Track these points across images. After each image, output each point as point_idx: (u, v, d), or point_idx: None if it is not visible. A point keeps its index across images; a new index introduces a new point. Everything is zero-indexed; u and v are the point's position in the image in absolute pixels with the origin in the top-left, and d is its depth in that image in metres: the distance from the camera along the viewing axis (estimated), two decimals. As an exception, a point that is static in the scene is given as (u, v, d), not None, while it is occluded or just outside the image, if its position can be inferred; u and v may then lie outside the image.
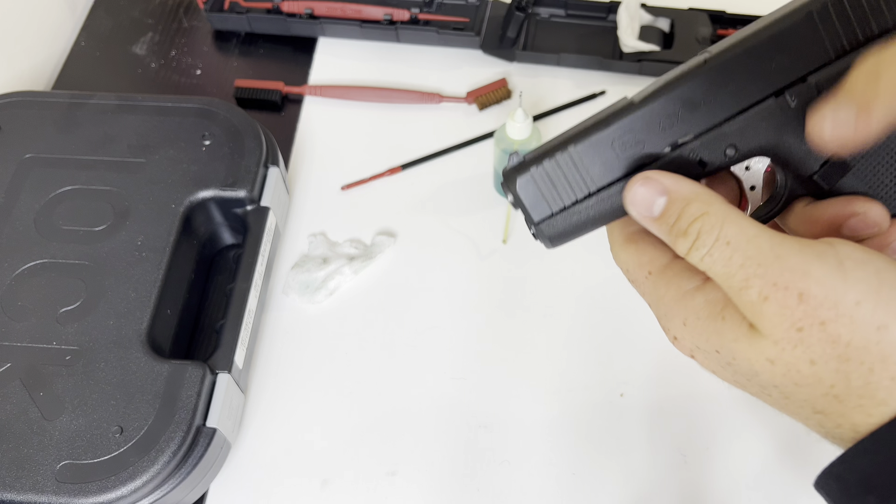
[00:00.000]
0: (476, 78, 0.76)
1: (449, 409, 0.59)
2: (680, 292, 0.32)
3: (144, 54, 0.80)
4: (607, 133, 0.32)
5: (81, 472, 0.48)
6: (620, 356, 0.60)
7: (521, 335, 0.62)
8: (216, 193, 0.61)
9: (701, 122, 0.32)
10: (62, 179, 0.61)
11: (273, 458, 0.57)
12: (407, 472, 0.56)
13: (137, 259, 0.57)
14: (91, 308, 0.55)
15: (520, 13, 0.72)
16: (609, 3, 0.77)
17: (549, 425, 0.58)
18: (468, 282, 0.64)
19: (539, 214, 0.33)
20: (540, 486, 0.56)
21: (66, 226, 0.59)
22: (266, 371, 0.61)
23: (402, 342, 0.62)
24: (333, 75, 0.77)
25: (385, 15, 0.77)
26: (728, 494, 0.55)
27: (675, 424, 0.57)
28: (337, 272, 0.64)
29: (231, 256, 0.66)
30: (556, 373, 0.60)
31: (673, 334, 0.33)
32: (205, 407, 0.52)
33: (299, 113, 0.75)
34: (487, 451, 0.57)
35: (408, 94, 0.74)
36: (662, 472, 0.56)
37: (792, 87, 0.31)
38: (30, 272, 0.57)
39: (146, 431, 0.50)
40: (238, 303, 0.57)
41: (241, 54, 0.80)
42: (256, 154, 0.62)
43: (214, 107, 0.64)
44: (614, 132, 0.32)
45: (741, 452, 0.56)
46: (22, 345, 0.53)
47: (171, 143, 0.62)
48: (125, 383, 0.52)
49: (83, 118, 0.64)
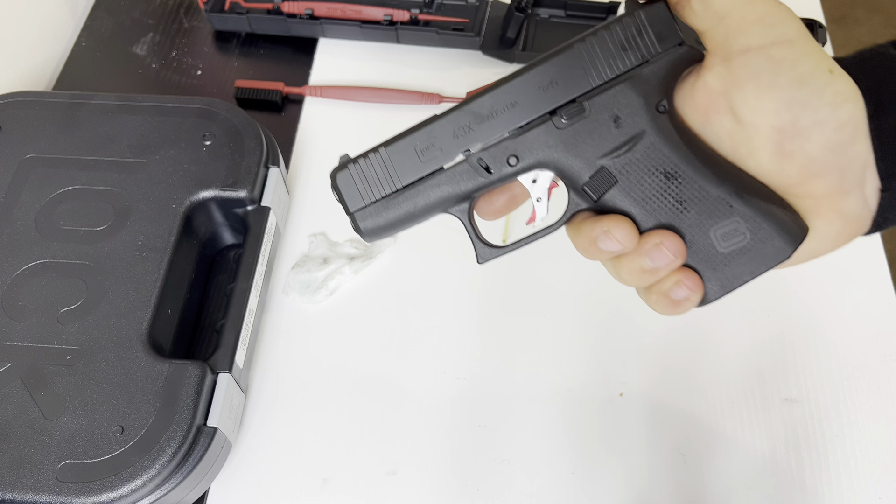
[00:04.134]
0: (476, 78, 0.76)
1: (449, 409, 0.59)
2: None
3: (145, 54, 0.80)
4: (411, 138, 0.38)
5: (82, 471, 0.49)
6: (620, 356, 0.61)
7: (521, 335, 0.62)
8: (217, 193, 0.61)
9: (487, 134, 0.37)
10: (63, 179, 0.61)
11: (273, 458, 0.57)
12: (407, 472, 0.56)
13: (138, 259, 0.57)
14: (92, 308, 0.55)
15: (519, 14, 0.72)
16: (609, 4, 0.77)
17: (549, 425, 0.58)
18: (468, 282, 0.65)
19: (354, 205, 0.38)
20: (540, 486, 0.56)
21: (67, 226, 0.59)
22: (266, 371, 0.61)
23: (402, 342, 0.62)
24: (334, 76, 0.77)
25: (385, 16, 0.77)
26: (728, 494, 0.55)
27: (674, 424, 0.58)
28: (337, 272, 0.64)
29: (231, 256, 0.66)
30: (556, 373, 0.60)
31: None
32: (205, 406, 0.52)
33: (299, 113, 0.75)
34: (487, 451, 0.57)
35: (408, 95, 0.74)
36: (662, 472, 0.56)
37: (563, 107, 0.36)
38: (30, 272, 0.57)
39: (147, 431, 0.50)
40: (238, 303, 0.57)
41: (241, 55, 0.80)
42: (257, 154, 0.62)
43: (215, 107, 0.65)
44: (417, 138, 0.38)
45: (741, 452, 0.56)
46: (23, 345, 0.53)
47: (171, 144, 0.62)
48: (126, 383, 0.52)
49: (84, 118, 0.64)
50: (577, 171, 0.37)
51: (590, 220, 0.37)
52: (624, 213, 0.37)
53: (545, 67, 0.36)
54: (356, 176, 0.38)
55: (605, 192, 0.37)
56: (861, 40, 1.78)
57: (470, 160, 0.37)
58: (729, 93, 0.35)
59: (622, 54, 0.36)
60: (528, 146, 0.37)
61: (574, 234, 0.38)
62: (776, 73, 0.33)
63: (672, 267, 0.36)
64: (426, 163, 0.38)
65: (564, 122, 0.36)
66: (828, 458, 0.56)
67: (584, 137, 0.36)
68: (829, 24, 0.81)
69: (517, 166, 0.37)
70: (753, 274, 0.36)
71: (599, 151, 0.36)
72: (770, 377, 0.59)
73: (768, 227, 0.36)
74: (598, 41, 0.36)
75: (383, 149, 0.38)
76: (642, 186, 0.36)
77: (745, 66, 0.34)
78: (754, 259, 0.36)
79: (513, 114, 0.37)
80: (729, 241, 0.36)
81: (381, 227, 0.39)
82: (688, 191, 0.36)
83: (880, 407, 0.58)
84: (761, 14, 0.33)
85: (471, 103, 0.37)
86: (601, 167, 0.37)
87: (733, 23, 0.34)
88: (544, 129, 0.37)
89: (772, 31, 0.33)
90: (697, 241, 0.36)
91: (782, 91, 0.33)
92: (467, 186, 0.38)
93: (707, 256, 0.37)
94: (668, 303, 0.37)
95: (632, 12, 0.36)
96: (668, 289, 0.37)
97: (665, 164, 0.36)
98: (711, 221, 0.36)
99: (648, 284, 0.37)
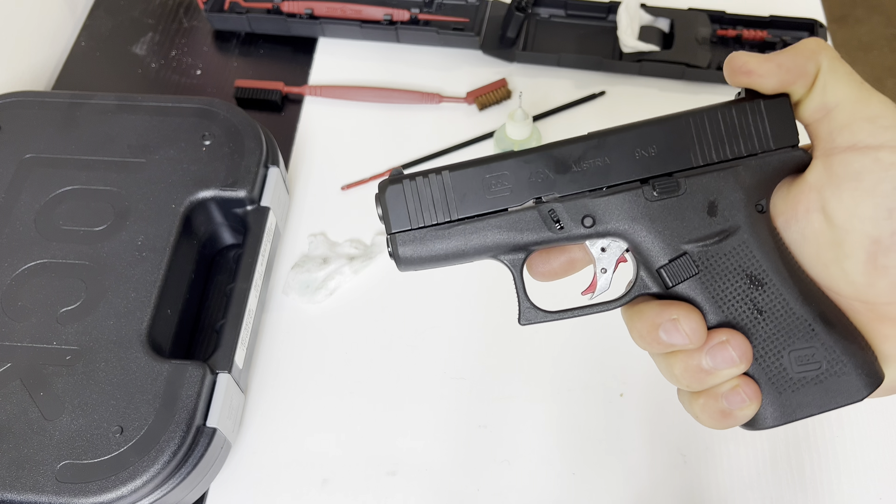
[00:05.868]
0: (476, 78, 0.76)
1: (449, 409, 0.59)
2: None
3: (144, 54, 0.80)
4: (481, 169, 0.34)
5: (81, 471, 0.48)
6: (620, 356, 0.60)
7: (521, 335, 0.62)
8: (216, 193, 0.61)
9: (568, 186, 0.34)
10: (62, 179, 0.61)
11: (273, 458, 0.57)
12: (407, 472, 0.56)
13: (137, 259, 0.57)
14: (91, 308, 0.55)
15: (520, 13, 0.72)
16: (609, 3, 0.77)
17: (549, 425, 0.58)
18: (468, 282, 0.64)
19: (398, 225, 0.34)
20: (540, 486, 0.56)
21: (67, 226, 0.59)
22: (266, 371, 0.61)
23: (402, 342, 0.62)
24: (333, 75, 0.77)
25: (385, 15, 0.77)
26: (728, 494, 0.55)
27: (674, 424, 0.57)
28: (337, 272, 0.64)
29: (231, 256, 0.66)
30: (557, 373, 0.60)
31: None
32: (205, 407, 0.52)
33: (299, 113, 0.75)
34: (487, 451, 0.57)
35: (408, 95, 0.74)
36: (662, 472, 0.56)
37: (658, 178, 0.34)
38: (30, 272, 0.57)
39: (146, 431, 0.50)
40: (238, 303, 0.57)
41: (241, 54, 0.80)
42: (256, 154, 0.62)
43: (214, 107, 0.64)
44: (487, 171, 0.34)
45: (741, 452, 0.56)
46: (22, 345, 0.53)
47: (171, 143, 0.62)
48: (125, 383, 0.52)
49: (83, 118, 0.64)
50: (656, 250, 0.34)
51: (654, 304, 0.34)
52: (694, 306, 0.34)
53: (647, 131, 0.34)
54: (409, 194, 0.35)
55: (682, 280, 0.34)
56: (861, 40, 1.78)
57: (541, 209, 0.34)
58: (824, 190, 0.32)
59: (733, 140, 0.34)
60: (610, 210, 0.34)
61: (634, 317, 0.35)
62: (881, 177, 0.30)
63: (733, 372, 0.33)
64: (491, 199, 0.34)
65: (656, 194, 0.34)
66: (828, 458, 0.56)
67: (672, 216, 0.34)
68: (829, 23, 0.81)
69: (591, 229, 0.34)
70: (822, 409, 0.34)
71: (686, 236, 0.34)
72: (770, 377, 0.59)
73: (848, 362, 0.33)
74: (710, 119, 0.34)
75: (447, 172, 0.35)
76: (723, 284, 0.34)
77: (848, 164, 0.31)
78: (826, 393, 0.33)
79: (601, 171, 0.34)
80: (802, 367, 0.33)
81: (421, 257, 0.35)
82: (770, 301, 0.33)
83: (880, 407, 0.58)
84: (875, 114, 0.31)
85: (556, 149, 0.34)
86: (684, 253, 0.34)
87: (843, 117, 0.31)
88: (632, 196, 0.34)
89: (884, 133, 0.31)
90: (768, 357, 0.34)
91: (885, 198, 0.30)
92: (530, 237, 0.35)
93: (774, 376, 0.34)
94: (718, 411, 0.33)
95: (752, 99, 0.34)
96: (723, 393, 0.33)
97: (753, 267, 0.33)
98: (788, 341, 0.33)
99: (700, 388, 0.34)
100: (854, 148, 0.31)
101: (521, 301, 0.36)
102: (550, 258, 0.37)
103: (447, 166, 0.35)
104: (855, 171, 0.31)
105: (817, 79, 0.32)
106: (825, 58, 0.32)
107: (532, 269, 0.38)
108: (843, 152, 0.31)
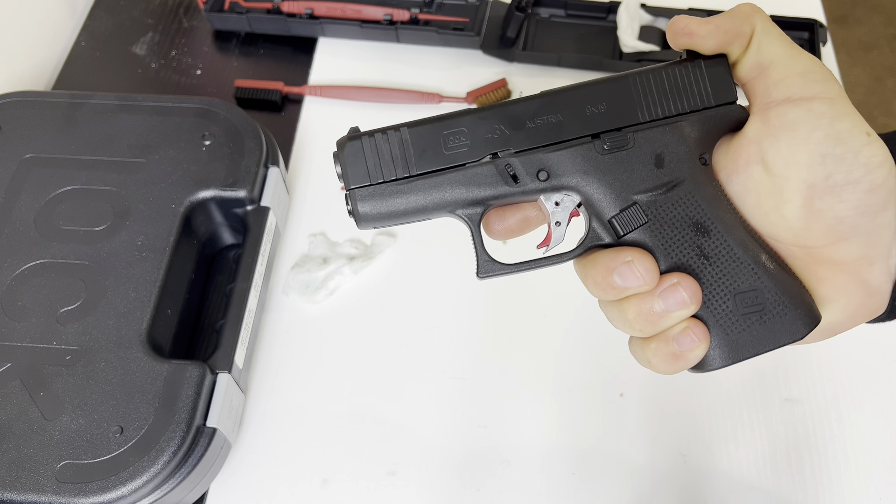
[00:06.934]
0: (476, 78, 0.76)
1: (449, 409, 0.59)
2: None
3: (144, 54, 0.80)
4: (439, 126, 0.35)
5: (81, 471, 0.48)
6: (621, 356, 0.60)
7: (521, 335, 0.62)
8: (216, 193, 0.61)
9: (523, 142, 0.35)
10: (62, 179, 0.61)
11: (273, 458, 0.57)
12: (407, 472, 0.56)
13: (137, 259, 0.57)
14: (91, 308, 0.55)
15: (520, 13, 0.72)
16: (609, 3, 0.77)
17: (549, 425, 0.58)
18: (468, 282, 0.64)
19: (356, 181, 0.35)
20: (540, 486, 0.56)
21: (66, 226, 0.59)
22: (266, 371, 0.61)
23: (402, 342, 0.62)
24: (333, 75, 0.77)
25: (385, 15, 0.77)
26: (728, 494, 0.55)
27: (674, 424, 0.58)
28: (337, 272, 0.64)
29: (231, 256, 0.66)
30: (557, 373, 0.60)
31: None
32: (205, 407, 0.52)
33: (299, 113, 0.75)
34: (487, 451, 0.57)
35: (408, 95, 0.74)
36: (662, 472, 0.56)
37: (608, 133, 0.35)
38: (30, 272, 0.57)
39: (146, 431, 0.50)
40: (238, 303, 0.57)
41: (241, 54, 0.80)
42: (256, 154, 0.62)
43: (214, 107, 0.64)
44: (445, 127, 0.35)
45: (741, 452, 0.56)
46: (22, 345, 0.53)
47: (171, 143, 0.62)
48: (125, 383, 0.52)
49: (83, 118, 0.64)
50: (607, 202, 0.36)
51: (607, 251, 0.36)
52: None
53: (596, 89, 0.35)
54: (368, 151, 0.35)
55: (632, 229, 0.35)
56: (861, 40, 1.78)
57: (497, 164, 0.35)
58: (762, 142, 0.34)
59: (676, 98, 0.36)
60: (563, 164, 0.35)
61: (587, 266, 0.36)
62: (814, 126, 0.32)
63: (684, 314, 0.35)
64: (449, 155, 0.35)
65: (606, 148, 0.35)
66: (828, 458, 0.56)
67: (622, 169, 0.35)
68: (829, 23, 0.81)
69: (546, 182, 0.36)
70: (766, 348, 0.35)
71: (635, 187, 0.35)
72: (770, 377, 0.59)
73: (789, 303, 0.35)
74: (655, 78, 0.36)
75: (406, 129, 0.35)
76: (671, 232, 0.35)
77: (783, 116, 0.33)
78: (769, 333, 0.35)
79: (554, 127, 0.35)
80: (746, 308, 0.35)
81: (380, 213, 0.35)
82: (715, 247, 0.35)
83: (880, 407, 0.58)
84: (806, 68, 0.33)
85: (511, 106, 0.35)
86: (633, 203, 0.35)
87: (777, 73, 0.33)
88: (584, 150, 0.35)
89: (815, 86, 0.33)
90: (715, 300, 0.35)
91: (818, 145, 0.32)
92: (487, 192, 0.36)
93: (721, 318, 0.35)
94: (670, 354, 0.35)
95: (693, 60, 0.36)
96: (674, 336, 0.35)
97: (699, 215, 0.35)
98: (733, 284, 0.35)
99: (653, 332, 0.35)
100: (789, 100, 0.33)
101: (479, 255, 0.37)
102: (506, 216, 0.39)
103: (405, 123, 0.36)
104: (790, 121, 0.33)
105: (752, 39, 0.34)
106: (759, 20, 0.34)
107: (488, 227, 0.39)
108: (779, 105, 0.33)
